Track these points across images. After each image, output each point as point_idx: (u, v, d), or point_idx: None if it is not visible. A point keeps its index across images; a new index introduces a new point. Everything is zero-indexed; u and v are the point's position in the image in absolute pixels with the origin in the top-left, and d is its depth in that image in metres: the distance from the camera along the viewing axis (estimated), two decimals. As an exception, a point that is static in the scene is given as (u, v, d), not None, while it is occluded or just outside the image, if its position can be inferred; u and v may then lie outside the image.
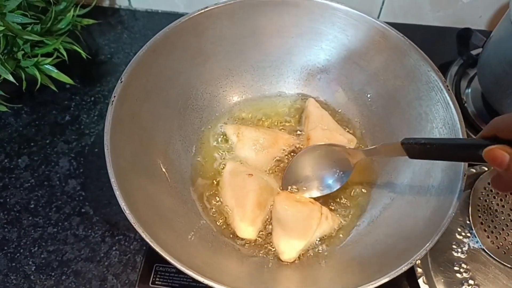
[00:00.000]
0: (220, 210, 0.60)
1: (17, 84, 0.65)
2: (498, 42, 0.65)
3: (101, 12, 0.86)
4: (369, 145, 0.65)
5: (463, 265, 0.57)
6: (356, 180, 0.62)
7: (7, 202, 0.66)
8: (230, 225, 0.58)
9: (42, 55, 0.68)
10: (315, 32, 0.65)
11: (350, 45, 0.64)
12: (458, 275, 0.57)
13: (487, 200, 0.61)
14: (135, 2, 0.88)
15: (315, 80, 0.69)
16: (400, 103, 0.62)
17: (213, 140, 0.66)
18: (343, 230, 0.59)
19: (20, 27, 0.64)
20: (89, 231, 0.63)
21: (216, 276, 0.45)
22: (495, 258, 0.58)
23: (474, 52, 0.76)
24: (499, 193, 0.62)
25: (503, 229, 0.59)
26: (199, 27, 0.62)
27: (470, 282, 0.56)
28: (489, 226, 0.60)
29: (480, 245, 0.59)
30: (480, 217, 0.60)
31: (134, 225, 0.46)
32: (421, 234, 0.49)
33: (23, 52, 0.67)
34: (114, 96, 0.53)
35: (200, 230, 0.57)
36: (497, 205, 0.61)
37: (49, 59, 0.68)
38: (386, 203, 0.59)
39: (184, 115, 0.64)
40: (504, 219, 0.60)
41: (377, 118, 0.66)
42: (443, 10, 0.83)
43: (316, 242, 0.57)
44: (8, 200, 0.66)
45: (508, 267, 0.57)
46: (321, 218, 0.56)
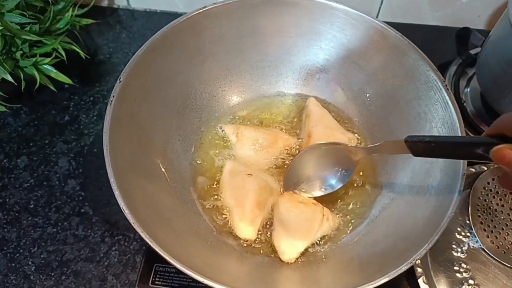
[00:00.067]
0: (220, 210, 0.60)
1: (15, 84, 0.65)
2: (496, 41, 0.65)
3: (100, 12, 0.86)
4: (368, 145, 0.65)
5: (463, 265, 0.57)
6: (356, 180, 0.62)
7: (7, 202, 0.66)
8: (230, 225, 0.58)
9: (40, 55, 0.68)
10: (314, 32, 0.65)
11: (349, 44, 0.64)
12: (458, 274, 0.57)
13: (487, 200, 0.61)
14: (133, 1, 0.88)
15: (314, 80, 0.69)
16: (399, 102, 0.62)
17: (213, 140, 0.66)
18: (343, 230, 0.59)
19: (19, 27, 0.64)
20: (89, 231, 0.63)
21: (215, 276, 0.45)
22: (495, 257, 0.58)
23: (473, 52, 0.76)
24: (499, 192, 0.62)
25: (502, 229, 0.59)
26: (198, 26, 0.62)
27: (470, 281, 0.56)
28: (489, 226, 0.60)
29: (480, 245, 0.59)
30: (479, 216, 0.60)
31: (133, 225, 0.46)
32: (420, 233, 0.49)
33: (21, 52, 0.66)
34: (113, 96, 0.53)
35: (199, 230, 0.57)
36: (497, 204, 0.61)
37: (47, 59, 0.68)
38: (386, 203, 0.59)
39: (183, 115, 0.64)
40: (503, 219, 0.60)
41: (376, 117, 0.66)
42: (442, 9, 0.83)
43: (316, 242, 0.57)
44: (7, 200, 0.66)
45: (507, 266, 0.57)
46: (323, 220, 0.56)
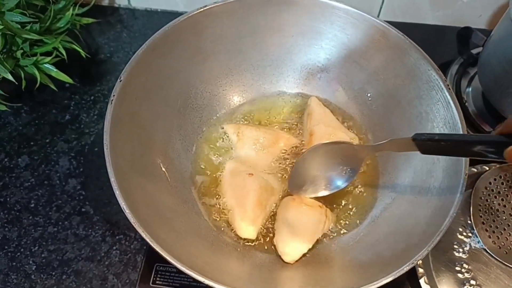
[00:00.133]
0: (221, 210, 0.60)
1: (16, 83, 0.65)
2: (498, 41, 0.65)
3: (101, 11, 0.86)
4: (369, 144, 0.65)
5: (465, 265, 0.57)
6: (357, 180, 0.62)
7: (7, 202, 0.65)
8: (231, 224, 0.58)
9: (41, 54, 0.68)
10: (315, 31, 0.65)
11: (350, 44, 0.64)
12: (460, 275, 0.57)
13: (489, 200, 0.61)
14: (134, 1, 0.87)
15: (315, 79, 0.69)
16: (400, 102, 0.62)
17: (213, 139, 0.66)
18: (344, 230, 0.58)
19: (19, 26, 0.64)
20: (90, 230, 0.63)
21: (216, 276, 0.45)
22: (497, 258, 0.57)
23: (474, 51, 0.76)
24: (501, 192, 0.61)
25: (504, 229, 0.59)
26: (198, 26, 0.62)
27: (472, 282, 0.56)
28: (491, 226, 0.59)
29: (482, 245, 0.58)
30: (481, 217, 0.60)
31: (134, 224, 0.46)
32: (422, 234, 0.49)
33: (22, 51, 0.66)
34: (114, 95, 0.53)
35: (200, 229, 0.57)
36: (499, 205, 0.61)
37: (48, 58, 0.68)
38: (387, 203, 0.59)
39: (184, 114, 0.64)
40: (505, 219, 0.60)
41: (377, 117, 0.65)
42: (442, 9, 0.83)
43: (317, 242, 0.57)
44: (8, 199, 0.66)
45: (509, 267, 0.57)
46: (325, 221, 0.56)
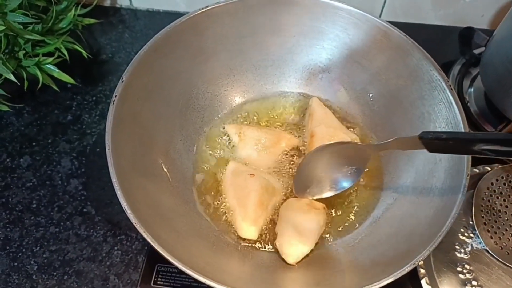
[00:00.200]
0: (222, 210, 0.60)
1: (18, 83, 0.65)
2: (500, 41, 0.65)
3: (102, 11, 0.86)
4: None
5: (466, 266, 0.57)
6: (359, 180, 0.61)
7: (9, 202, 0.66)
8: (232, 225, 0.58)
9: (43, 55, 0.68)
10: (316, 31, 0.65)
11: (352, 44, 0.64)
12: (461, 275, 0.57)
13: (490, 201, 0.61)
14: (136, 1, 0.88)
15: (317, 80, 0.69)
16: (402, 102, 0.62)
17: (215, 139, 0.66)
18: (345, 230, 0.58)
19: (21, 27, 0.64)
20: (91, 230, 0.63)
21: (217, 276, 0.45)
22: (499, 258, 0.57)
23: (476, 51, 0.76)
24: (503, 193, 0.61)
25: (506, 230, 0.59)
26: (200, 26, 0.62)
27: (473, 283, 0.56)
28: (493, 227, 0.59)
29: (483, 246, 0.58)
30: (483, 217, 0.60)
31: (135, 225, 0.46)
32: (424, 234, 0.49)
33: (24, 51, 0.67)
34: (115, 96, 0.53)
35: (201, 230, 0.57)
36: (501, 205, 0.60)
37: (50, 59, 0.68)
38: (389, 203, 0.58)
39: (186, 115, 0.64)
40: (507, 220, 0.60)
41: (379, 117, 0.65)
42: (444, 9, 0.83)
43: (318, 242, 0.57)
44: (10, 199, 0.66)
45: (511, 268, 0.57)
46: (327, 222, 0.56)
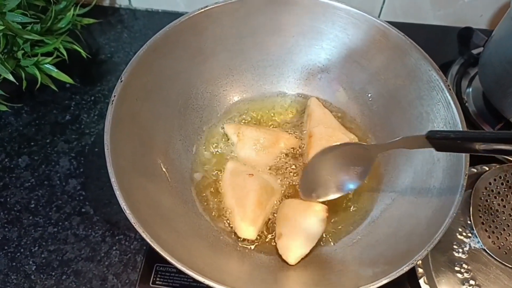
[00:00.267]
0: (221, 210, 0.60)
1: (17, 83, 0.65)
2: (499, 41, 0.65)
3: (101, 11, 0.86)
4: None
5: (464, 266, 0.57)
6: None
7: (8, 202, 0.66)
8: (231, 225, 0.58)
9: (42, 55, 0.68)
10: (315, 31, 0.65)
11: (351, 44, 0.64)
12: (459, 275, 0.57)
13: (488, 200, 0.61)
14: (135, 1, 0.87)
15: (316, 80, 0.69)
16: (401, 102, 0.62)
17: (214, 139, 0.66)
18: (344, 230, 0.58)
19: (20, 27, 0.64)
20: (90, 230, 0.63)
21: (216, 276, 0.45)
22: (496, 258, 0.57)
23: (475, 51, 0.76)
24: (500, 193, 0.61)
25: (504, 229, 0.59)
26: (199, 26, 0.62)
27: (471, 282, 0.56)
28: (490, 226, 0.59)
29: (481, 246, 0.58)
30: (481, 217, 0.60)
31: (134, 225, 0.46)
32: (422, 234, 0.49)
33: (23, 51, 0.67)
34: (114, 96, 0.53)
35: (200, 230, 0.57)
36: (498, 205, 0.61)
37: (49, 59, 0.68)
38: (387, 203, 0.59)
39: (185, 115, 0.64)
40: (505, 219, 0.60)
41: (378, 117, 0.65)
42: (443, 9, 0.83)
43: (317, 242, 0.57)
44: (8, 199, 0.66)
45: (509, 267, 0.57)
46: (326, 223, 0.56)
